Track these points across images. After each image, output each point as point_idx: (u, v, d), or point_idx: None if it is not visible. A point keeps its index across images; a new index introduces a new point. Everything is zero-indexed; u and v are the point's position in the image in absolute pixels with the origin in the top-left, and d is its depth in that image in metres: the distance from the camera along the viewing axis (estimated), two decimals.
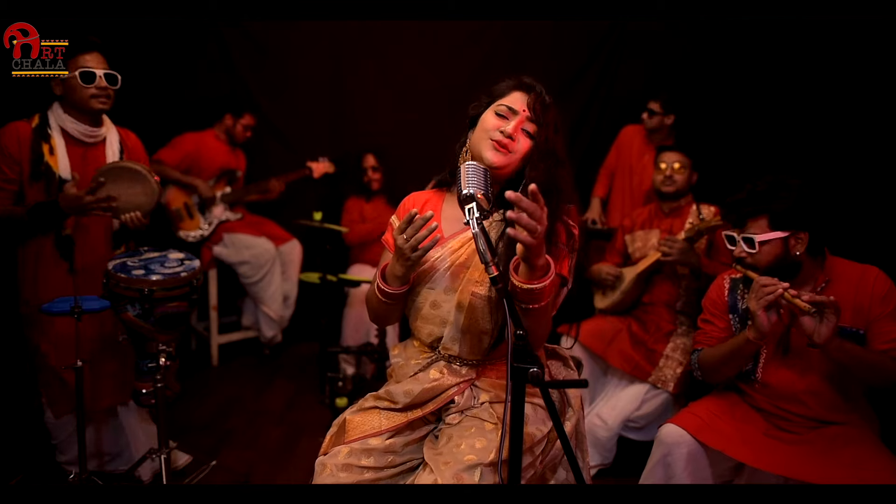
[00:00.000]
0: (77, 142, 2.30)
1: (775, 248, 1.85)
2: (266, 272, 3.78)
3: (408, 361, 1.61)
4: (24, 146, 2.20)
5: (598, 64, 4.08)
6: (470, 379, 1.54)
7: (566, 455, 1.22)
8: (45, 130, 2.24)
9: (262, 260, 3.77)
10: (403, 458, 1.49)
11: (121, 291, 2.13)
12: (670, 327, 2.69)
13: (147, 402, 2.24)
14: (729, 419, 1.94)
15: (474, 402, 1.52)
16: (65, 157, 2.25)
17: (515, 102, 1.50)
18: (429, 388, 1.51)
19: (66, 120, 2.27)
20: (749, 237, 1.86)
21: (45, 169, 2.22)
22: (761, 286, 1.75)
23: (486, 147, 1.47)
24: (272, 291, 3.83)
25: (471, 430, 1.45)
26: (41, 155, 2.21)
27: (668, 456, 1.91)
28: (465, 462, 1.36)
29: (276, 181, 3.82)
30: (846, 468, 1.71)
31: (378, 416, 1.53)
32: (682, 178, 2.77)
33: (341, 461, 1.45)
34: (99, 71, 2.23)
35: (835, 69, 3.00)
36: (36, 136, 2.22)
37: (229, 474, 2.59)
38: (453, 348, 1.52)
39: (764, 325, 1.75)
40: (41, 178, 2.21)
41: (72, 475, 2.19)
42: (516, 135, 1.47)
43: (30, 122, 2.25)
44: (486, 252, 1.19)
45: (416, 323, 1.59)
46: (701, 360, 2.00)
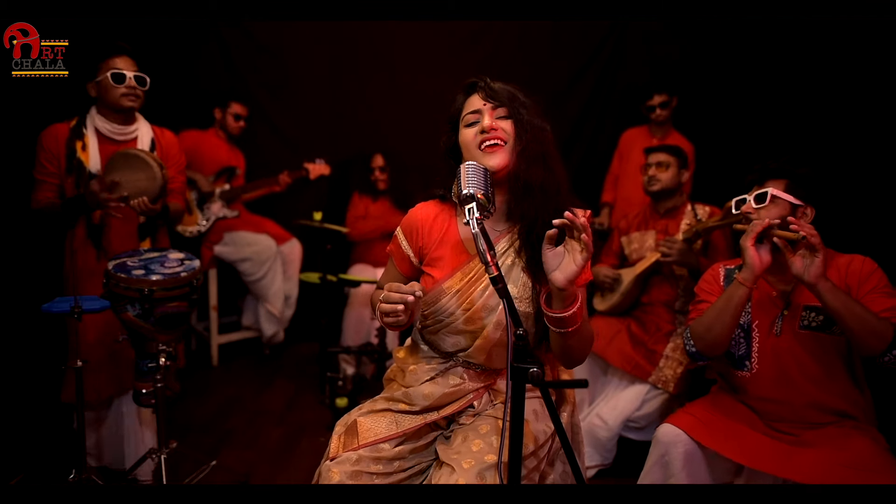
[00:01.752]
0: (108, 139, 2.46)
1: (782, 210, 1.88)
2: (268, 269, 3.78)
3: (420, 365, 1.59)
4: (60, 143, 2.38)
5: (598, 64, 4.08)
6: (489, 384, 1.55)
7: (564, 449, 1.23)
8: (80, 130, 2.42)
9: (264, 257, 3.76)
10: (410, 463, 1.50)
11: (121, 291, 2.13)
12: (670, 327, 2.69)
13: (147, 402, 2.24)
14: (725, 419, 1.94)
15: (489, 406, 1.54)
16: (96, 153, 2.42)
17: (473, 104, 1.50)
18: (450, 392, 1.52)
19: (98, 119, 2.45)
20: (763, 192, 1.90)
21: (77, 164, 2.38)
22: (749, 229, 1.82)
23: (481, 156, 1.45)
24: (275, 289, 3.82)
25: (486, 430, 1.46)
26: (74, 151, 2.38)
27: (666, 456, 1.91)
28: (486, 462, 1.37)
29: (285, 176, 3.84)
30: (844, 469, 1.71)
31: (391, 419, 1.52)
32: (668, 176, 2.78)
33: (350, 469, 1.44)
34: (129, 73, 2.41)
35: (834, 69, 3.00)
36: (72, 135, 2.40)
37: (229, 474, 2.59)
38: (479, 358, 1.53)
39: (755, 260, 1.79)
40: (73, 171, 2.38)
41: (72, 475, 2.19)
42: (495, 123, 1.45)
43: (69, 123, 2.43)
44: (485, 252, 1.19)
45: (439, 334, 1.55)
46: (693, 327, 1.96)
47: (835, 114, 2.98)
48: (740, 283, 1.82)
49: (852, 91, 2.92)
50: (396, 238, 1.61)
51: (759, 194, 1.91)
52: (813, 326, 1.88)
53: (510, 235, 1.51)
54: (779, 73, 3.32)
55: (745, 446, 1.85)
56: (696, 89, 3.75)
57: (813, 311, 1.88)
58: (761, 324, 1.94)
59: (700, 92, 3.74)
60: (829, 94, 3.02)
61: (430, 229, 1.57)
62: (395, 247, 1.62)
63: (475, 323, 1.49)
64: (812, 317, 1.89)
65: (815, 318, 1.88)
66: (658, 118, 3.58)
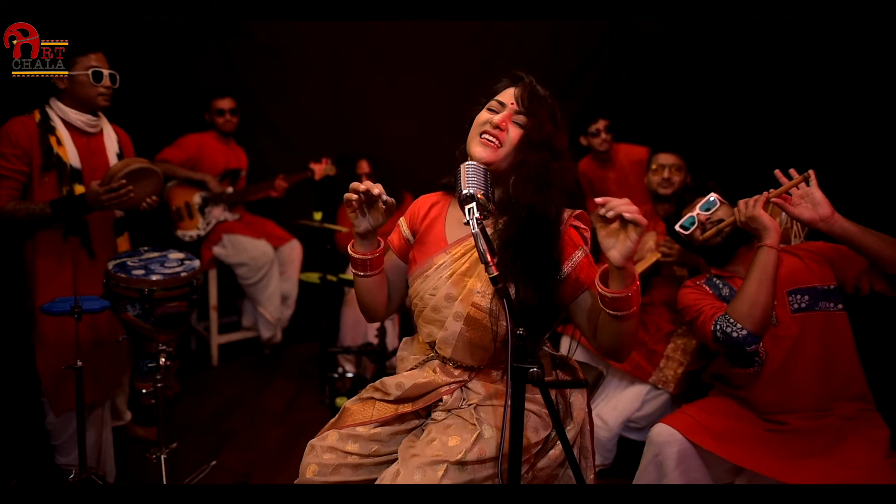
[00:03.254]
0: (80, 132, 2.40)
1: (728, 209, 1.98)
2: (263, 274, 3.78)
3: (409, 356, 1.65)
4: (33, 140, 2.28)
5: (598, 64, 4.08)
6: (462, 381, 1.54)
7: (567, 458, 1.21)
8: (48, 124, 2.32)
9: (260, 263, 3.76)
10: (389, 448, 1.51)
11: (121, 291, 2.13)
12: (670, 328, 2.69)
13: (147, 402, 2.24)
14: (723, 418, 1.94)
15: (462, 404, 1.52)
16: (72, 147, 2.35)
17: (506, 96, 1.51)
18: (420, 385, 1.52)
19: (68, 112, 2.36)
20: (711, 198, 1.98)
21: (56, 160, 2.31)
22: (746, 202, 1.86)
23: (475, 143, 1.47)
24: (269, 294, 3.82)
25: (449, 428, 1.45)
26: (50, 147, 2.30)
27: (659, 455, 1.92)
28: (430, 457, 1.37)
29: (281, 179, 3.82)
30: (843, 469, 1.72)
31: (372, 407, 1.56)
32: (680, 180, 2.80)
33: (328, 444, 1.50)
34: (106, 71, 2.34)
35: (834, 69, 3.00)
36: (42, 130, 2.30)
37: (229, 474, 2.59)
38: (446, 351, 1.53)
39: (773, 222, 1.81)
40: (52, 168, 2.30)
41: (72, 475, 2.19)
42: (505, 125, 1.46)
43: (30, 116, 2.31)
44: (485, 252, 1.19)
45: (418, 321, 1.60)
46: (732, 312, 1.84)
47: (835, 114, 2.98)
48: (769, 247, 1.80)
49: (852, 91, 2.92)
50: (398, 227, 1.66)
51: (705, 204, 1.99)
52: (804, 307, 1.91)
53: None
54: (779, 73, 3.32)
55: (742, 446, 1.85)
56: (696, 89, 3.75)
57: (797, 293, 1.90)
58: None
59: (700, 92, 3.74)
60: (829, 94, 3.02)
61: (424, 215, 1.62)
62: (396, 235, 1.66)
63: (440, 312, 1.51)
64: (798, 298, 1.91)
65: (801, 298, 1.90)
66: (601, 145, 3.60)
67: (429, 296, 1.52)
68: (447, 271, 1.50)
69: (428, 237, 1.58)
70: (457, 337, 1.49)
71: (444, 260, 1.52)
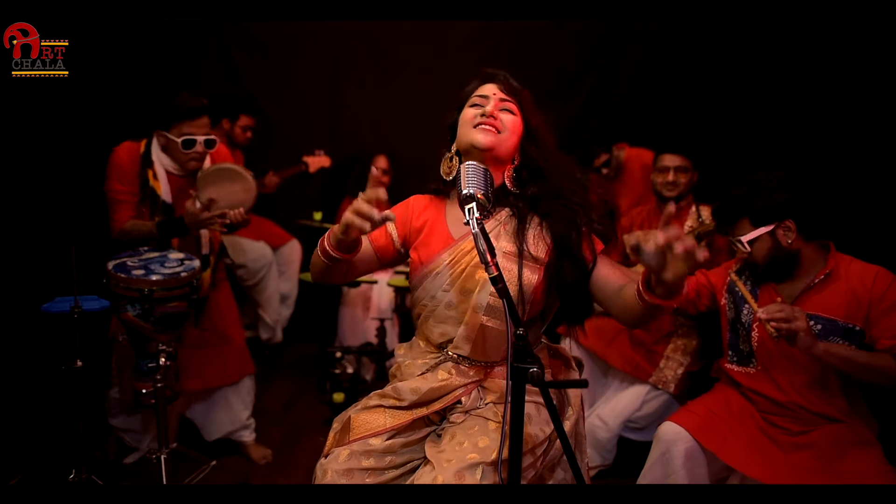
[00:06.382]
0: (172, 174, 2.48)
1: (765, 243, 1.91)
2: (262, 276, 3.78)
3: (414, 361, 1.60)
4: (135, 167, 2.41)
5: (599, 64, 4.08)
6: (478, 380, 1.54)
7: (566, 455, 1.21)
8: (149, 158, 2.43)
9: (259, 265, 3.76)
10: (402, 458, 1.49)
11: (121, 291, 2.13)
12: (670, 328, 2.69)
13: (147, 401, 2.24)
14: (726, 417, 1.96)
15: (480, 403, 1.53)
16: (166, 184, 2.45)
17: (485, 90, 1.54)
18: (436, 388, 1.51)
19: (164, 158, 2.45)
20: (738, 240, 1.93)
21: (151, 192, 2.42)
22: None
23: (474, 133, 1.47)
24: (267, 295, 3.82)
25: (474, 429, 1.44)
26: (146, 179, 2.41)
27: (666, 453, 1.93)
28: (467, 460, 1.35)
29: (272, 176, 3.80)
30: (838, 475, 1.72)
31: (383, 415, 1.52)
32: (686, 181, 2.76)
33: (342, 466, 1.44)
34: (200, 137, 2.38)
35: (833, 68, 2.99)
36: (143, 161, 2.42)
37: (229, 474, 2.59)
38: (464, 348, 1.52)
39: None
40: (146, 199, 2.42)
41: (72, 475, 2.19)
42: (496, 113, 1.48)
43: (138, 144, 2.43)
44: (485, 252, 1.19)
45: (428, 322, 1.57)
46: None
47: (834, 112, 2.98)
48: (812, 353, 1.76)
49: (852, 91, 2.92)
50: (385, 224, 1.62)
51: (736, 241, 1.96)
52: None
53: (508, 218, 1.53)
54: (779, 71, 3.31)
55: (743, 450, 1.87)
56: (696, 89, 3.75)
57: (812, 319, 1.88)
58: (761, 324, 1.95)
59: (700, 92, 3.74)
60: (829, 94, 3.02)
61: (419, 217, 1.61)
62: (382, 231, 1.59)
63: (456, 308, 1.50)
64: (812, 324, 1.89)
65: (813, 326, 1.88)
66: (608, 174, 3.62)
67: (442, 292, 1.51)
68: (459, 266, 1.50)
69: (431, 237, 1.57)
70: (477, 330, 1.49)
71: (454, 255, 1.51)
